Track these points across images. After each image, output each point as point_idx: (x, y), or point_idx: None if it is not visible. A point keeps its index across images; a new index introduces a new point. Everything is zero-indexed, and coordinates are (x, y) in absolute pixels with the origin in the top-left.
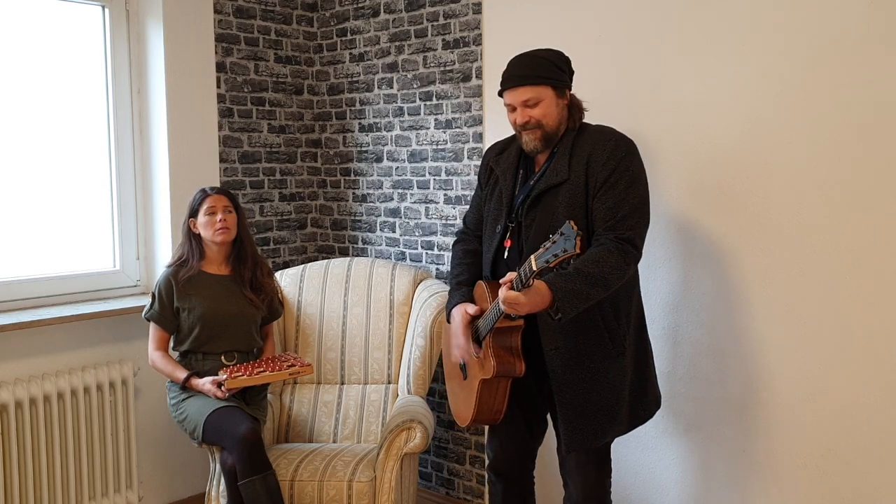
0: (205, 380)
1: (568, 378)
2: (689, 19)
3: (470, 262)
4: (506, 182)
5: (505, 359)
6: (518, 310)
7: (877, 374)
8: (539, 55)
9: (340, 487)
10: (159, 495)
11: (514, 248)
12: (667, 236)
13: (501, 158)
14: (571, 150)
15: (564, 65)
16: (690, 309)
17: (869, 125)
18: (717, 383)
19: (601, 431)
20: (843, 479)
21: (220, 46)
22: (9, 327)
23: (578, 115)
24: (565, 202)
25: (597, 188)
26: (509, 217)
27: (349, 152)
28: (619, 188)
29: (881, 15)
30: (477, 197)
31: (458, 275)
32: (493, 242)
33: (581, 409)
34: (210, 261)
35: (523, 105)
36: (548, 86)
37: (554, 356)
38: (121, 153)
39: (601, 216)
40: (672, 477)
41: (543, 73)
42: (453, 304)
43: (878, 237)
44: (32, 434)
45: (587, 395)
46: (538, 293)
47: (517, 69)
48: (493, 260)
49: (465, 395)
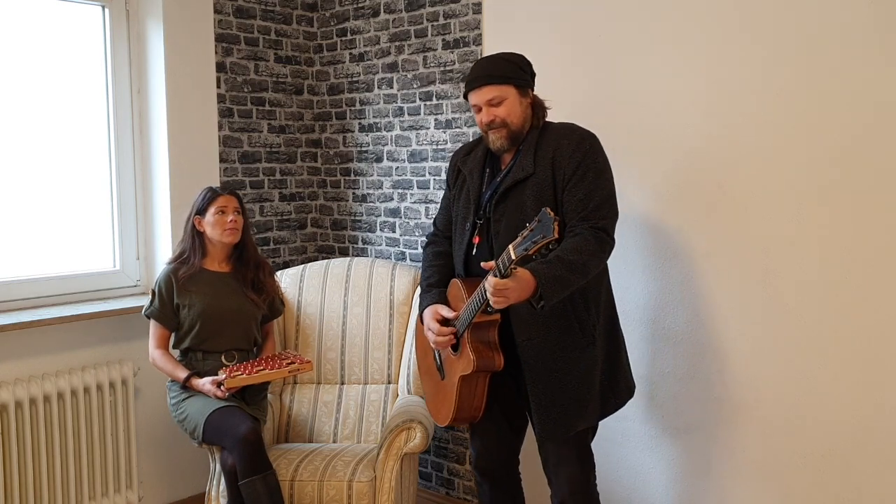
0: (204, 380)
1: (540, 368)
2: (690, 18)
3: (440, 263)
4: (473, 181)
5: (484, 353)
6: (507, 296)
7: (877, 373)
8: (501, 57)
9: (340, 487)
10: (159, 495)
11: (484, 244)
12: (667, 236)
13: (468, 159)
14: (536, 146)
15: (526, 66)
16: (690, 309)
17: (869, 125)
18: (717, 383)
19: (573, 420)
20: (843, 479)
21: (220, 46)
22: (9, 327)
23: (542, 114)
24: (533, 196)
25: (565, 181)
26: (477, 214)
27: (349, 152)
28: (587, 180)
29: (880, 12)
30: (445, 198)
31: (429, 277)
32: (462, 240)
33: (553, 399)
34: (211, 258)
35: (488, 104)
36: (511, 85)
37: (527, 347)
38: (121, 153)
39: (573, 208)
40: (672, 477)
41: (506, 72)
42: (425, 305)
43: (878, 237)
44: (32, 434)
45: (559, 384)
46: (523, 280)
47: (480, 70)
48: (464, 258)
49: (444, 395)
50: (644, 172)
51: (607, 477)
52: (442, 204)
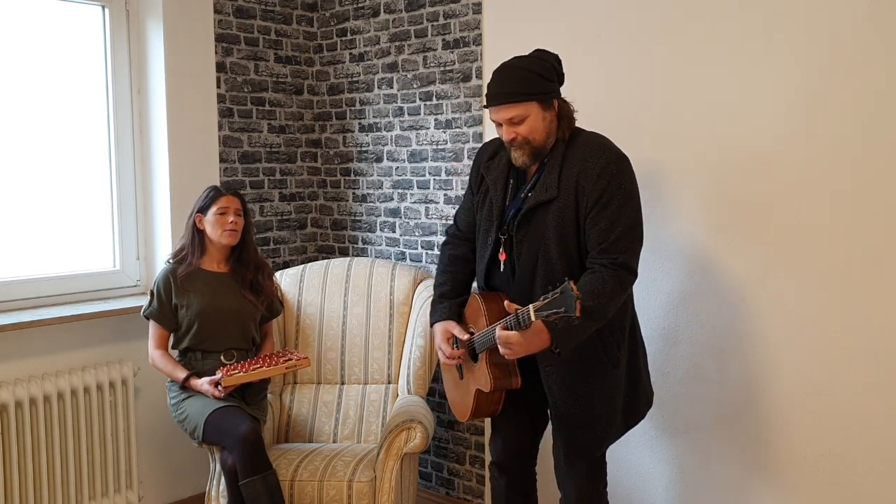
0: (203, 380)
1: (564, 395)
2: (692, 20)
3: (455, 270)
4: (496, 192)
5: (501, 376)
6: (514, 351)
7: (877, 373)
8: (522, 66)
9: (340, 487)
10: (159, 495)
11: (509, 260)
12: (666, 237)
13: (492, 165)
14: (562, 163)
15: (549, 72)
16: (690, 309)
17: (869, 125)
18: (717, 383)
19: (599, 442)
20: (843, 479)
21: (220, 46)
22: (9, 327)
23: (568, 125)
24: (555, 221)
25: (588, 208)
26: (500, 230)
27: (349, 152)
28: (611, 208)
29: (882, 16)
30: (469, 199)
31: (442, 284)
32: (485, 253)
33: (578, 423)
34: (210, 258)
35: (508, 123)
36: (532, 101)
37: (549, 373)
38: (121, 153)
39: (594, 238)
40: (672, 477)
41: (527, 88)
42: (436, 319)
43: (879, 237)
44: (32, 434)
45: (584, 410)
46: (536, 333)
47: (501, 85)
48: (486, 270)
49: (463, 394)
50: (645, 173)
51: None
52: (465, 203)
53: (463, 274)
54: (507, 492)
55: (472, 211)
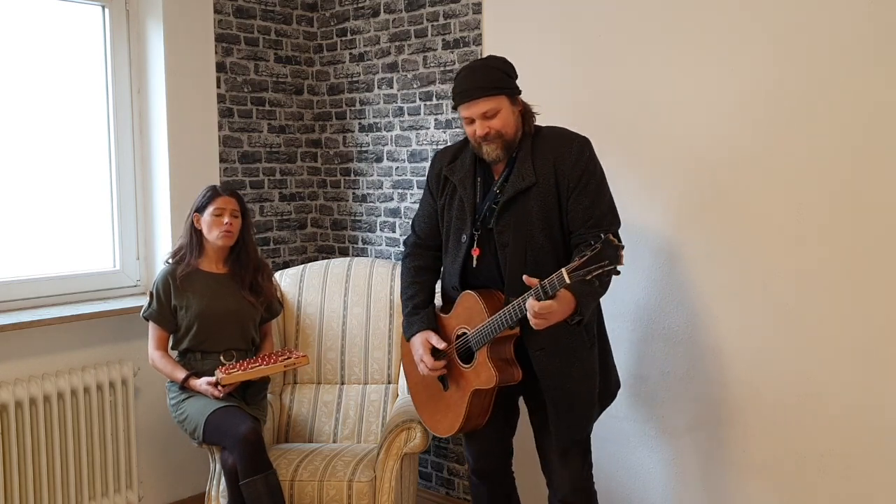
0: (202, 380)
1: (556, 375)
2: (690, 19)
3: (423, 280)
4: (465, 191)
5: (504, 369)
6: (549, 318)
7: (877, 374)
8: (489, 65)
9: (340, 487)
10: (159, 495)
11: (486, 255)
12: (667, 236)
13: (455, 166)
14: (532, 153)
15: (512, 72)
16: (690, 309)
17: (869, 126)
18: (717, 383)
19: (585, 421)
20: (842, 479)
21: (220, 46)
22: (9, 327)
23: (531, 120)
24: (538, 205)
25: (570, 189)
26: (474, 225)
27: (349, 152)
28: (591, 187)
29: (880, 15)
30: (429, 206)
31: (413, 296)
32: (459, 252)
33: (569, 403)
34: (208, 258)
35: (482, 117)
36: (503, 95)
37: (540, 356)
38: (121, 153)
39: (580, 216)
40: (671, 477)
41: (497, 83)
42: (414, 331)
43: (878, 237)
44: (32, 434)
45: (573, 388)
46: (564, 302)
47: (472, 82)
48: (461, 270)
49: (448, 406)
50: (643, 172)
51: (607, 477)
52: (423, 210)
53: (430, 283)
54: (490, 497)
55: (433, 217)
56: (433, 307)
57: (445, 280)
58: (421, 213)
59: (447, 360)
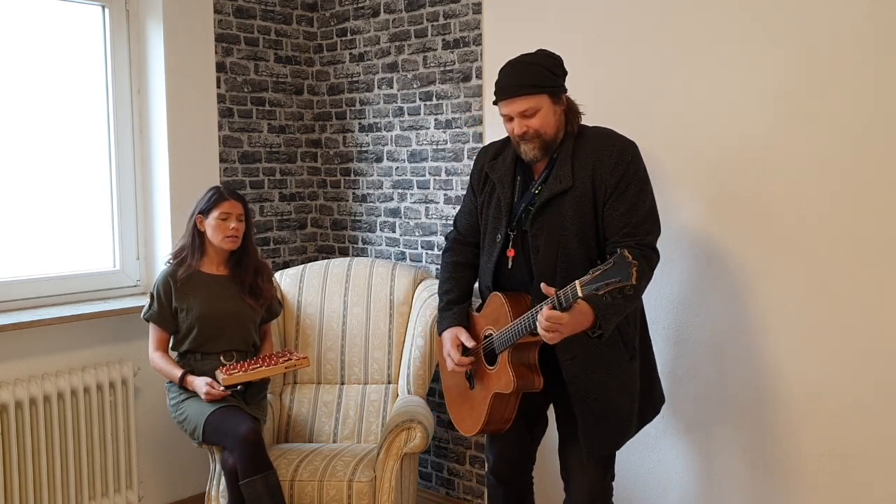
0: (200, 380)
1: (587, 386)
2: (690, 19)
3: (460, 276)
4: (504, 190)
5: (524, 375)
6: (560, 331)
7: (877, 374)
8: (532, 61)
9: (340, 487)
10: (159, 495)
11: (519, 257)
12: (669, 237)
13: (497, 164)
14: (573, 155)
15: (557, 68)
16: (692, 309)
17: (870, 126)
18: (719, 383)
19: (619, 435)
20: (843, 479)
21: (220, 46)
22: (9, 327)
23: (575, 119)
24: (573, 210)
25: (607, 195)
26: (510, 226)
27: (349, 152)
28: (629, 193)
29: (882, 17)
30: (470, 202)
31: (448, 291)
32: (493, 252)
33: (600, 416)
34: (209, 260)
35: (521, 115)
36: (544, 94)
37: (570, 366)
38: (121, 153)
39: (615, 223)
40: (673, 477)
41: (539, 81)
42: (445, 326)
43: (880, 238)
44: (32, 434)
45: (606, 401)
46: (581, 313)
47: (512, 79)
48: (494, 270)
49: (472, 406)
50: None
51: None
52: (465, 206)
53: (467, 279)
54: (505, 499)
55: (474, 213)
56: (467, 304)
57: (480, 279)
58: (463, 209)
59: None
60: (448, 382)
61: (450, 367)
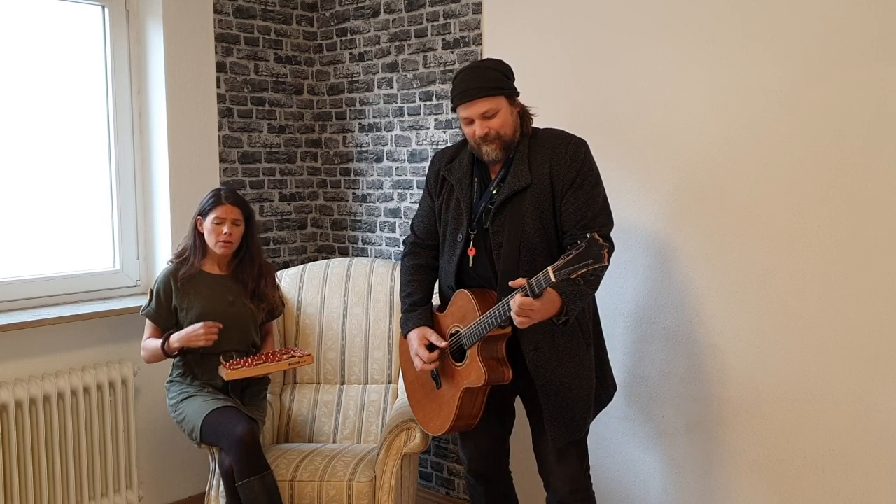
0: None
1: (551, 375)
2: (690, 20)
3: (421, 278)
4: (462, 191)
5: (494, 367)
6: (531, 317)
7: (876, 374)
8: (488, 66)
9: (340, 487)
10: (159, 495)
11: (481, 255)
12: (666, 237)
13: (454, 167)
14: (529, 154)
15: (510, 73)
16: (690, 309)
17: (868, 126)
18: (717, 383)
19: (582, 420)
20: (843, 479)
21: (220, 46)
22: (9, 327)
23: (529, 121)
24: (532, 206)
25: (564, 189)
26: (470, 225)
27: (349, 152)
28: (585, 188)
29: (879, 18)
30: (427, 206)
31: (411, 294)
32: (454, 252)
33: (564, 403)
34: (211, 260)
35: (482, 117)
36: (502, 96)
37: (535, 356)
38: (121, 153)
39: (572, 216)
40: (672, 477)
41: (497, 83)
42: (411, 327)
43: (877, 237)
44: (32, 434)
45: (568, 388)
46: (550, 301)
47: (471, 83)
48: (456, 269)
49: (440, 405)
50: (644, 173)
51: (606, 476)
52: (422, 210)
53: (428, 282)
54: (486, 497)
55: (431, 217)
56: (430, 305)
57: (441, 279)
58: (420, 213)
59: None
60: (413, 384)
61: (419, 367)
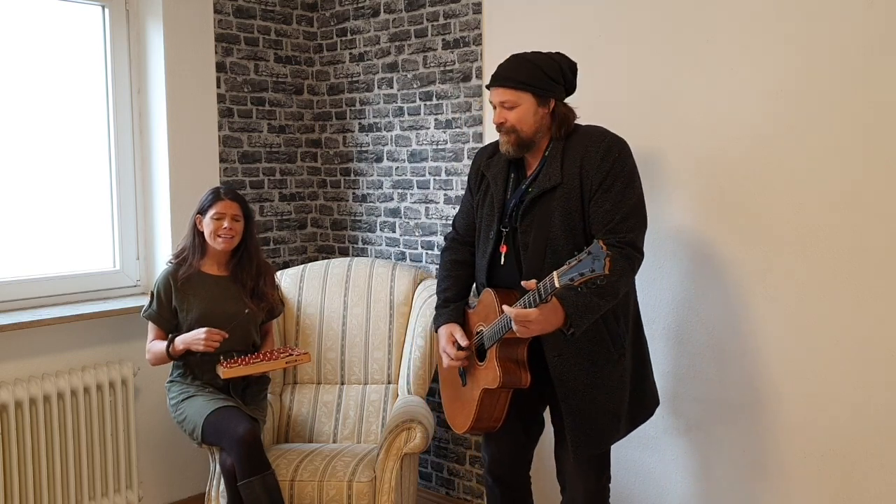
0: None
1: (573, 384)
2: (691, 20)
3: (458, 274)
4: (497, 187)
5: (511, 370)
6: (529, 328)
7: (877, 374)
8: (530, 59)
9: (340, 487)
10: (159, 495)
11: (511, 253)
12: (669, 238)
13: (492, 163)
14: (563, 153)
15: (556, 73)
16: (692, 309)
17: (869, 128)
18: (718, 383)
19: (607, 435)
20: (843, 479)
21: (220, 46)
22: (9, 327)
23: (564, 127)
24: (561, 206)
25: (592, 191)
26: (502, 222)
27: (349, 152)
28: (615, 190)
29: (880, 18)
30: (467, 202)
31: (446, 289)
32: (486, 248)
33: (587, 415)
34: (210, 260)
35: (501, 106)
36: (528, 92)
37: (558, 363)
38: (121, 153)
39: (599, 219)
40: (673, 477)
41: (526, 78)
42: (441, 322)
43: (878, 239)
44: (32, 434)
45: (592, 400)
46: (552, 310)
47: (505, 70)
48: (488, 266)
49: (464, 403)
50: (644, 173)
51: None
52: (463, 206)
53: (465, 278)
54: (503, 500)
55: (471, 213)
56: (464, 302)
57: (476, 276)
58: (461, 210)
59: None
60: (445, 380)
61: (446, 364)
